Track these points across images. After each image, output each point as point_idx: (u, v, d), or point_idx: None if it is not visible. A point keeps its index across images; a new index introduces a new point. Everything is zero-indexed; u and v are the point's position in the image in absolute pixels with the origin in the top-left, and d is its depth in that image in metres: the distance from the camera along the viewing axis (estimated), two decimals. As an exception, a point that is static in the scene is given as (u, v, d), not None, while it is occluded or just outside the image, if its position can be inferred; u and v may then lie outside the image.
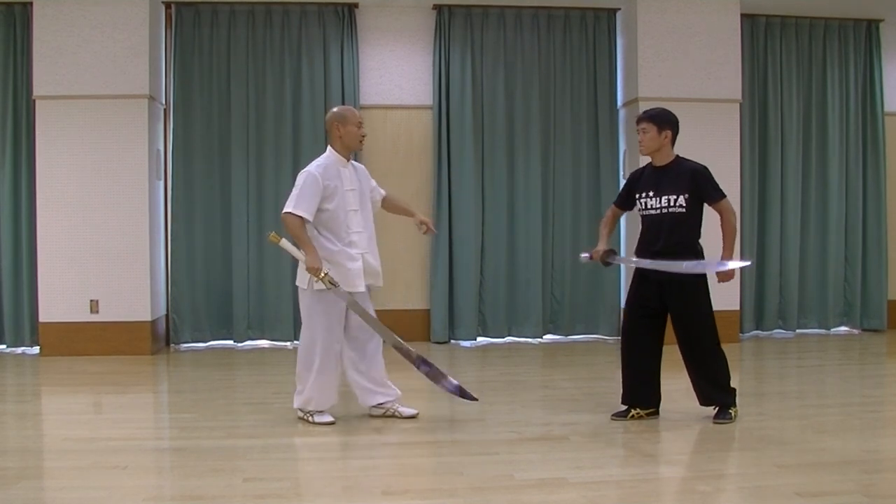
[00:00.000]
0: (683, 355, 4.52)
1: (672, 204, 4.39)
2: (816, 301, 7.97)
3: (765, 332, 7.88)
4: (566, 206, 7.60)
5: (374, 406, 4.65)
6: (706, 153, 7.18)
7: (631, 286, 4.64)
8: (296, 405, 4.59)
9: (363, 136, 4.61)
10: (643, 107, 7.03)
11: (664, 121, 4.50)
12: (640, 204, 4.51)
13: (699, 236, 4.50)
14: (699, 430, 4.38)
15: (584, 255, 4.77)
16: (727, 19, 7.31)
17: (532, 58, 7.59)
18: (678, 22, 7.24)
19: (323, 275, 4.33)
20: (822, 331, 7.98)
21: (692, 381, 4.54)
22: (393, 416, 4.63)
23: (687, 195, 4.38)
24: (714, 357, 4.47)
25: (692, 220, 4.44)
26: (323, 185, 4.39)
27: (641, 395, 4.57)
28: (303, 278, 4.49)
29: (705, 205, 4.48)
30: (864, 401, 5.20)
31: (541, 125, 7.61)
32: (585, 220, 7.59)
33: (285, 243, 4.49)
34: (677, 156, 4.53)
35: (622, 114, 7.66)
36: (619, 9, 7.63)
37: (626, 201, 4.70)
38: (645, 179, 4.54)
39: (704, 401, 4.55)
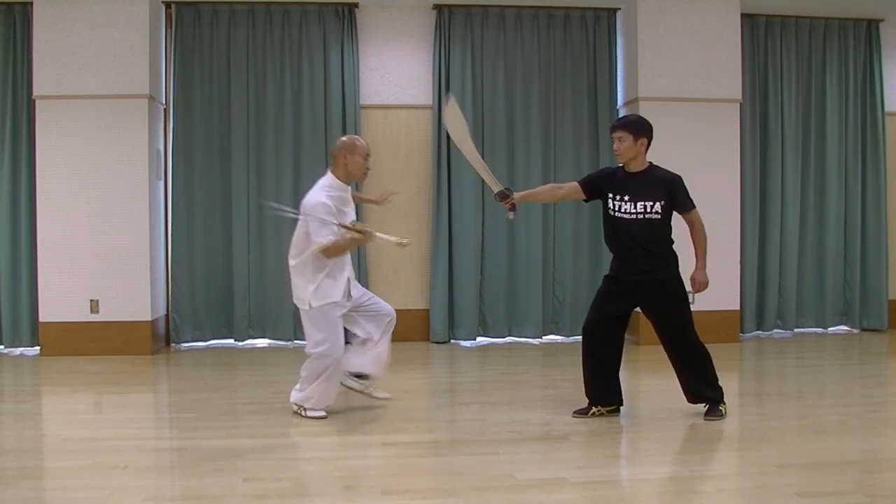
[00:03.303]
0: (671, 354, 4.55)
1: (648, 210, 4.40)
2: (816, 300, 7.97)
3: (766, 332, 7.88)
4: (567, 206, 7.59)
5: (352, 375, 4.76)
6: (706, 153, 7.26)
7: (601, 287, 4.65)
8: (293, 400, 4.70)
9: (367, 170, 4.69)
10: (643, 106, 7.11)
11: (640, 129, 4.47)
12: (613, 206, 4.48)
13: (672, 240, 4.53)
14: (698, 430, 4.38)
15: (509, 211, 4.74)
16: (727, 19, 7.31)
17: (532, 58, 7.59)
18: (678, 22, 7.24)
19: (367, 232, 4.45)
20: (821, 330, 7.99)
21: (681, 379, 4.57)
22: (366, 394, 4.83)
23: (663, 202, 4.41)
24: (701, 354, 4.51)
25: (665, 226, 4.48)
26: (335, 209, 4.48)
27: (605, 394, 4.61)
28: (306, 299, 4.55)
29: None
30: (864, 401, 5.20)
31: (541, 125, 7.61)
32: (586, 220, 7.58)
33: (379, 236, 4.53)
34: (651, 163, 4.55)
35: (622, 113, 7.66)
36: (619, 9, 7.63)
37: (591, 191, 4.62)
38: (619, 182, 4.51)
39: (693, 398, 4.59)
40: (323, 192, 4.53)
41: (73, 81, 6.72)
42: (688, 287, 4.53)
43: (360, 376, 4.82)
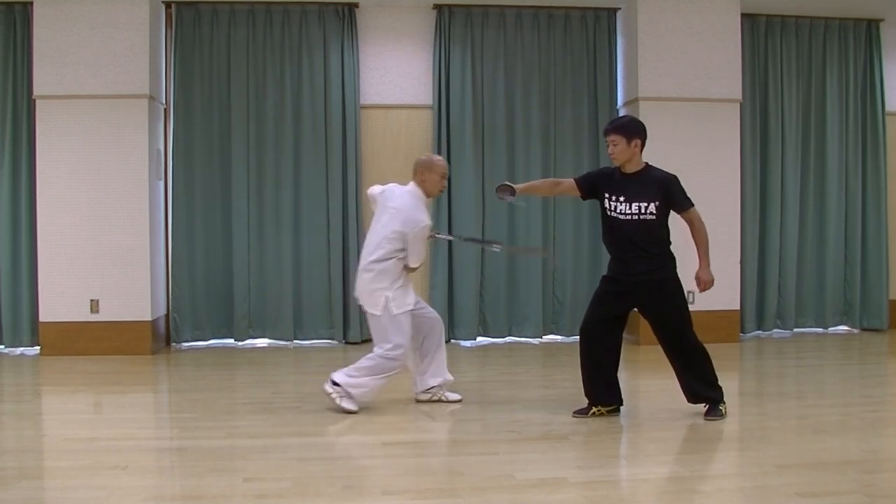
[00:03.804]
0: (670, 355, 4.55)
1: (643, 211, 4.40)
2: (816, 300, 7.97)
3: (766, 332, 7.88)
4: (566, 206, 7.59)
5: (423, 391, 4.95)
6: (706, 153, 7.26)
7: (599, 288, 4.65)
8: (339, 380, 4.66)
9: (443, 188, 4.88)
10: (643, 106, 7.11)
11: (633, 131, 4.47)
12: (609, 206, 4.49)
13: (670, 241, 4.53)
14: (698, 430, 4.38)
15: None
16: (727, 19, 7.31)
17: (532, 57, 7.59)
18: (678, 22, 7.24)
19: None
20: (821, 330, 7.99)
21: (680, 379, 4.57)
22: (439, 401, 4.93)
23: (657, 203, 4.40)
24: (700, 354, 4.50)
25: (662, 226, 4.47)
26: None
27: (605, 394, 4.61)
28: (379, 304, 4.66)
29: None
30: (864, 401, 5.20)
31: (541, 125, 7.61)
32: (586, 220, 7.58)
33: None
34: (647, 164, 4.54)
35: (622, 113, 7.65)
36: (619, 9, 7.63)
37: (588, 189, 4.65)
38: (615, 182, 4.52)
39: (692, 398, 4.58)
40: (422, 209, 4.74)
41: (73, 81, 6.72)
42: (691, 287, 4.53)
43: (430, 388, 4.99)
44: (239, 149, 7.30)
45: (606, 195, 4.51)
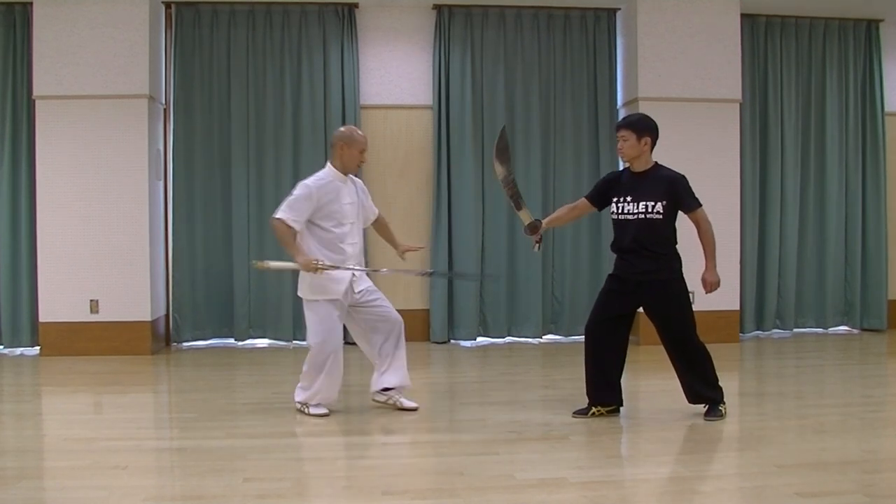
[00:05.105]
0: (672, 355, 4.54)
1: (650, 210, 4.40)
2: (816, 300, 7.97)
3: (765, 333, 7.88)
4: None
5: (379, 391, 4.79)
6: (706, 153, 7.26)
7: (604, 287, 4.65)
8: (298, 399, 4.69)
9: (362, 163, 4.73)
10: (643, 106, 7.11)
11: (644, 128, 4.48)
12: (617, 208, 4.50)
13: (676, 241, 4.52)
14: (697, 430, 4.38)
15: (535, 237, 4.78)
16: (727, 19, 7.31)
17: (532, 58, 7.59)
18: (678, 22, 7.24)
19: (317, 264, 4.44)
20: (821, 330, 7.99)
21: (682, 380, 4.57)
22: (394, 406, 4.78)
23: (664, 202, 4.40)
24: (702, 355, 4.50)
25: (668, 226, 4.46)
26: (318, 200, 4.52)
27: (605, 394, 4.60)
28: (305, 289, 4.59)
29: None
30: (864, 401, 5.20)
31: (541, 125, 7.61)
32: (586, 220, 7.57)
33: (272, 264, 4.70)
34: (656, 162, 4.54)
35: (622, 114, 7.65)
36: (619, 9, 7.63)
37: (600, 200, 4.67)
38: (623, 184, 4.53)
39: (693, 399, 4.58)
40: (313, 179, 4.60)
41: (73, 81, 6.72)
42: (694, 287, 4.53)
43: (385, 389, 4.81)
44: (239, 149, 7.30)
45: (615, 199, 4.52)
